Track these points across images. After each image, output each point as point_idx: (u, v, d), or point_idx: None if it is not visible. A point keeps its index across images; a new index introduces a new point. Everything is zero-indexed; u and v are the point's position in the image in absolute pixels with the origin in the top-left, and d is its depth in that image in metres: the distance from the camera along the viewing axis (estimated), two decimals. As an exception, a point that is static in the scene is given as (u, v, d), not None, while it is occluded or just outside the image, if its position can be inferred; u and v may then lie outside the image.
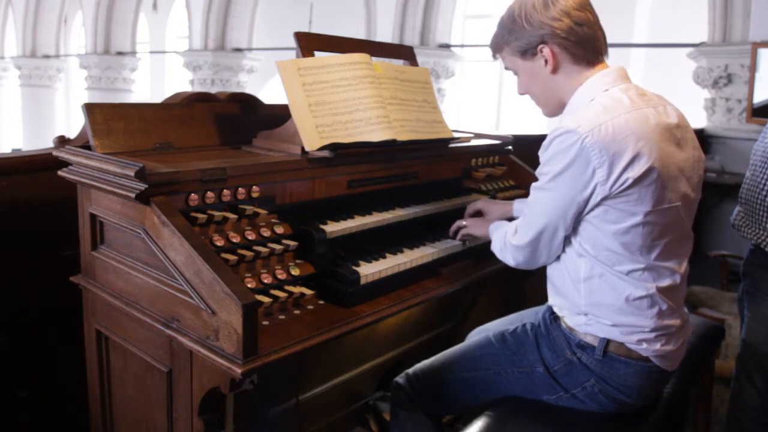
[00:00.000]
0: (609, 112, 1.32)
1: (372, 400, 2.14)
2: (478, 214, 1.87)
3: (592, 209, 1.34)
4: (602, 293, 1.39)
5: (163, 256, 1.27)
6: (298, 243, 1.45)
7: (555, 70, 1.43)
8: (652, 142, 1.31)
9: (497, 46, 1.52)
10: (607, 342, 1.41)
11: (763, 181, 1.87)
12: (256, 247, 1.36)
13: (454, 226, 1.81)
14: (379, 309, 1.47)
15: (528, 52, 1.44)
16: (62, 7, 13.33)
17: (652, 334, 1.39)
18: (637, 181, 1.29)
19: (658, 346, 1.40)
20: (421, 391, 1.63)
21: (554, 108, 1.52)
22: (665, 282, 1.38)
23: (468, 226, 1.78)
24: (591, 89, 1.41)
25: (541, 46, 1.41)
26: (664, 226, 1.35)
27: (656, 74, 7.60)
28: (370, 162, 1.76)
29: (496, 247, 1.58)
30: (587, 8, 1.41)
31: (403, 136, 1.75)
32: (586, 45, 1.41)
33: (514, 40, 1.45)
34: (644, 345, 1.39)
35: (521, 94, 1.56)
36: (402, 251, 1.66)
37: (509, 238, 1.50)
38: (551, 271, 1.52)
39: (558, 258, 1.47)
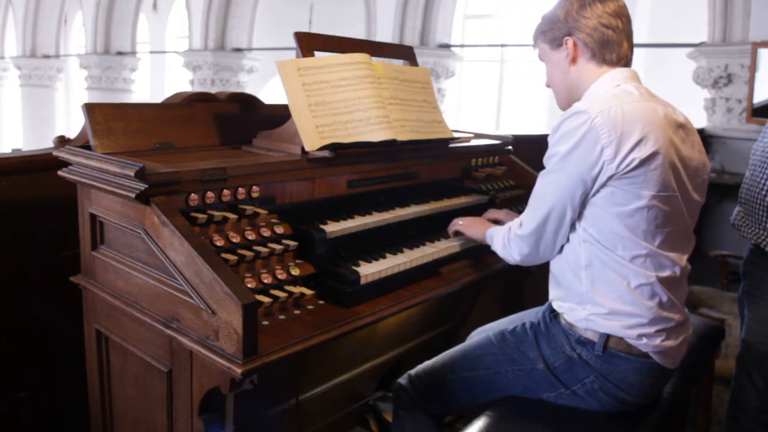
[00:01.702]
0: (619, 99, 1.38)
1: (372, 400, 2.14)
2: (497, 222, 1.88)
3: (598, 190, 1.36)
4: (604, 280, 1.40)
5: (163, 256, 1.27)
6: (298, 243, 1.45)
7: (573, 61, 1.51)
8: (659, 129, 1.35)
9: (535, 34, 1.62)
10: (607, 338, 1.42)
11: (763, 181, 1.88)
12: (256, 247, 1.36)
13: (451, 226, 1.82)
14: (379, 309, 1.47)
15: (555, 42, 1.54)
16: (62, 7, 13.33)
17: (652, 328, 1.39)
18: (643, 163, 1.32)
19: (657, 341, 1.40)
20: (423, 391, 1.63)
21: (568, 100, 1.57)
22: (666, 272, 1.40)
23: (464, 225, 1.79)
24: (603, 84, 1.47)
25: (566, 38, 1.50)
26: (667, 214, 1.37)
27: (656, 74, 7.59)
28: (370, 162, 1.76)
29: (498, 246, 1.60)
30: (621, 17, 1.49)
31: (403, 136, 1.75)
32: (606, 46, 1.48)
33: (549, 29, 1.55)
34: (644, 340, 1.40)
35: (547, 85, 1.65)
36: (402, 251, 1.66)
37: (514, 230, 1.53)
38: (553, 263, 1.53)
39: (560, 249, 1.48)
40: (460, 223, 1.80)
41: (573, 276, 1.45)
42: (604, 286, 1.40)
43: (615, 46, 1.48)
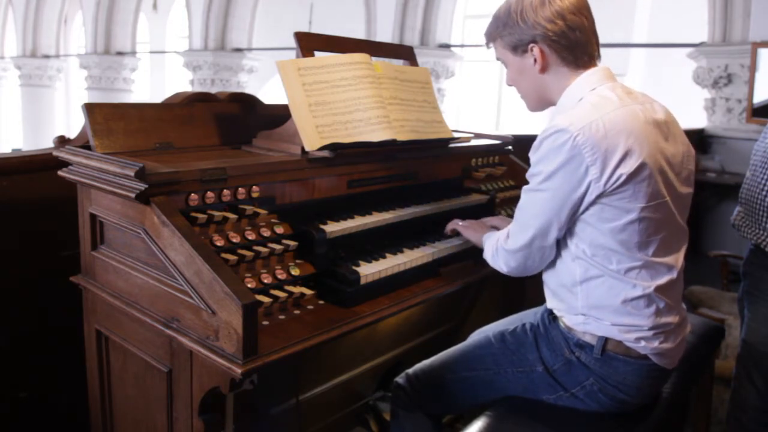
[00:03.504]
0: (599, 110, 1.32)
1: (372, 400, 2.14)
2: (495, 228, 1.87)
3: (587, 208, 1.34)
4: (599, 295, 1.39)
5: (163, 256, 1.27)
6: (298, 243, 1.45)
7: (543, 69, 1.44)
8: (642, 137, 1.32)
9: (491, 36, 1.53)
10: (606, 341, 1.41)
11: (763, 182, 1.87)
12: (256, 247, 1.36)
13: (450, 224, 1.81)
14: (379, 309, 1.47)
15: (519, 48, 1.45)
16: (62, 7, 13.33)
17: (651, 332, 1.39)
18: (631, 177, 1.29)
19: (656, 343, 1.40)
20: (421, 391, 1.63)
21: (538, 104, 1.54)
22: (662, 279, 1.39)
23: (463, 226, 1.78)
24: (578, 89, 1.42)
25: (531, 45, 1.42)
26: (659, 222, 1.36)
27: (656, 74, 7.60)
28: (370, 162, 1.76)
29: (488, 255, 1.58)
30: (583, 13, 1.41)
31: (403, 136, 1.75)
32: (577, 49, 1.42)
33: (507, 34, 1.46)
34: (642, 343, 1.39)
35: (509, 85, 1.58)
36: (402, 251, 1.66)
37: (501, 243, 1.50)
38: (546, 276, 1.52)
39: (552, 263, 1.47)
40: (459, 224, 1.79)
41: (568, 291, 1.44)
42: (600, 300, 1.39)
43: (586, 47, 1.42)
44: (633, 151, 1.29)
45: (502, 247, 1.50)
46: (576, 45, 1.41)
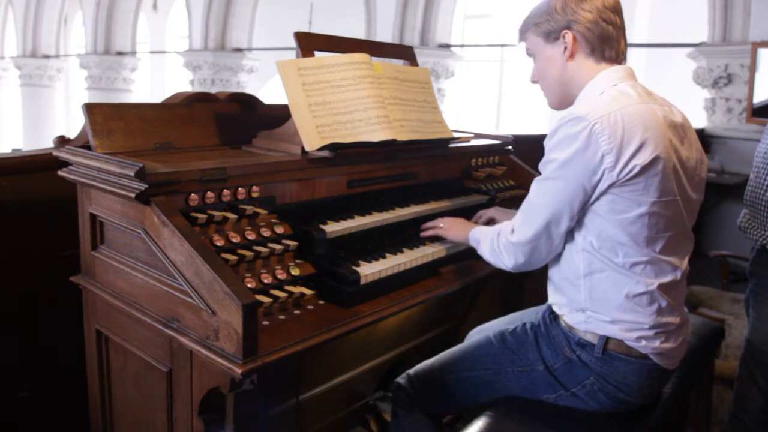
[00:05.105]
0: (618, 102, 1.35)
1: (372, 400, 2.14)
2: (491, 221, 1.87)
3: (598, 198, 1.35)
4: (602, 289, 1.39)
5: (163, 256, 1.27)
6: (298, 243, 1.45)
7: (571, 56, 1.47)
8: (659, 133, 1.33)
9: (526, 26, 1.56)
10: (607, 340, 1.41)
11: (766, 183, 1.88)
12: (256, 247, 1.36)
13: (430, 223, 1.76)
14: (379, 309, 1.47)
15: (552, 35, 1.49)
16: (62, 7, 13.33)
17: (652, 332, 1.39)
18: (644, 170, 1.30)
19: (657, 343, 1.40)
20: (422, 391, 1.63)
21: (561, 99, 1.54)
22: (666, 278, 1.39)
23: (445, 227, 1.73)
24: (600, 84, 1.44)
25: (564, 31, 1.46)
26: (668, 219, 1.36)
27: (656, 74, 7.59)
28: (370, 162, 1.76)
29: (485, 251, 1.55)
30: (618, 14, 1.47)
31: (403, 136, 1.75)
32: (606, 42, 1.45)
33: (544, 21, 1.50)
34: (643, 342, 1.39)
35: (533, 81, 1.60)
36: (402, 251, 1.66)
37: (507, 237, 1.48)
38: (550, 271, 1.52)
39: (557, 257, 1.47)
40: (440, 226, 1.74)
41: (571, 285, 1.44)
42: (603, 294, 1.40)
43: (614, 42, 1.46)
44: (648, 144, 1.31)
45: (508, 241, 1.47)
46: (606, 38, 1.45)
